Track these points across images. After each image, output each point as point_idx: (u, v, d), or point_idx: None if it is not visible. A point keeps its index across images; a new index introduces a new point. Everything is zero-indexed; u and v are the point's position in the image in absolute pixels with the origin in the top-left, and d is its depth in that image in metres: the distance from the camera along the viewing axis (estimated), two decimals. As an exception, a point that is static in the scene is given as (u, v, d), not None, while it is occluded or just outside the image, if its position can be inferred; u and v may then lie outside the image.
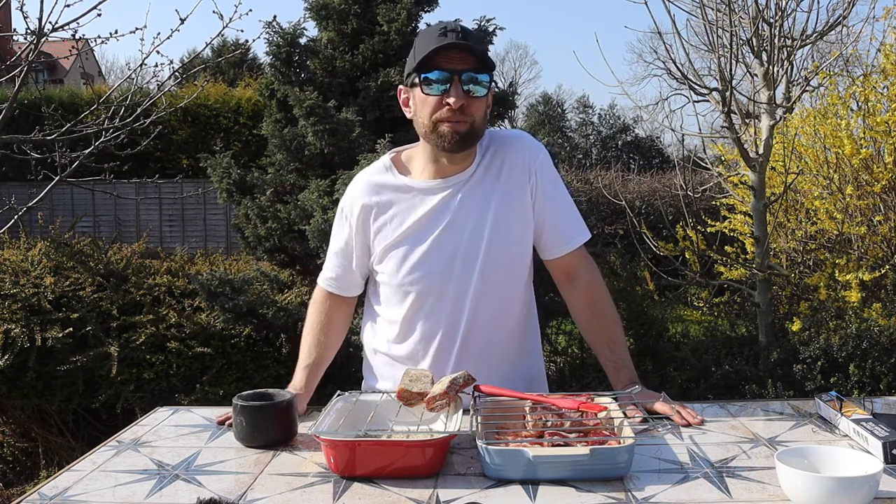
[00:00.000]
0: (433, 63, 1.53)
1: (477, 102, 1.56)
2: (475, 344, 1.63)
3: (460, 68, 1.53)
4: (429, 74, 1.54)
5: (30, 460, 3.60)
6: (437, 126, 1.56)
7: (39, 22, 3.00)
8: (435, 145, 1.60)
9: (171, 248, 5.03)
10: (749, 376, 2.89)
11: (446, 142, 1.56)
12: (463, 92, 1.53)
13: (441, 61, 1.53)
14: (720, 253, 3.50)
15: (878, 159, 3.60)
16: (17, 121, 6.99)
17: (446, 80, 1.53)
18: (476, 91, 1.55)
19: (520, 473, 1.20)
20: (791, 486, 1.10)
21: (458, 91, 1.53)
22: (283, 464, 1.33)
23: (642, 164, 18.93)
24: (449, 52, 1.53)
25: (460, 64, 1.53)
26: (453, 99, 1.52)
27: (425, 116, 1.57)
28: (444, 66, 1.53)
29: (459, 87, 1.53)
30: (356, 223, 1.69)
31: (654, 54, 25.29)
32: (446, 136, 1.55)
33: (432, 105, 1.55)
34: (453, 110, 1.53)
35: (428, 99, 1.56)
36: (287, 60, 4.15)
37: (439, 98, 1.54)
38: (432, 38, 1.54)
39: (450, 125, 1.55)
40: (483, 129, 1.62)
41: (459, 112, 1.53)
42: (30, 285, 3.37)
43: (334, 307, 1.76)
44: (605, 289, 1.73)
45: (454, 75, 1.53)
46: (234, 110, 10.68)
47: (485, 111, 1.60)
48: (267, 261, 4.03)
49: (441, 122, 1.55)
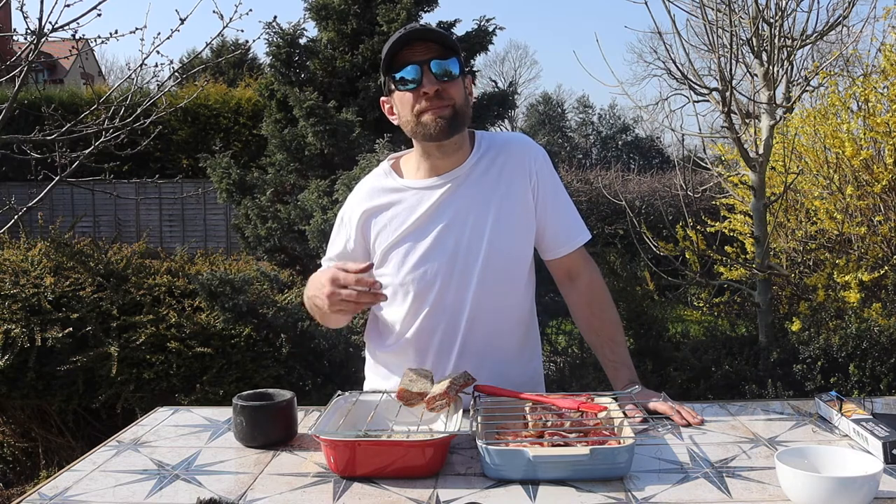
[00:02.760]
0: (400, 60, 1.56)
1: (453, 86, 1.57)
2: (476, 342, 1.63)
3: (426, 57, 1.55)
4: (398, 72, 1.57)
5: (30, 460, 3.60)
6: (419, 118, 1.57)
7: (39, 22, 3.00)
8: (423, 138, 1.60)
9: (171, 248, 5.04)
10: (749, 376, 2.89)
11: (432, 130, 1.57)
12: (436, 79, 1.55)
13: (407, 56, 1.56)
14: (720, 253, 3.50)
15: (879, 160, 3.60)
16: (17, 121, 6.99)
17: (416, 73, 1.55)
18: (448, 73, 1.56)
19: (520, 473, 1.20)
20: (791, 486, 1.10)
21: (430, 79, 1.55)
22: (283, 464, 1.33)
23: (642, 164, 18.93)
24: (412, 47, 1.56)
25: (426, 54, 1.55)
26: (427, 86, 1.54)
27: (407, 113, 1.59)
28: (411, 59, 1.56)
29: (431, 75, 1.55)
30: (356, 229, 1.69)
31: (654, 54, 25.31)
32: (430, 125, 1.57)
33: (410, 100, 1.57)
34: (431, 98, 1.55)
35: (405, 96, 1.57)
36: (287, 61, 4.15)
37: (415, 92, 1.56)
38: (393, 41, 1.57)
39: (431, 113, 1.56)
40: (468, 113, 1.63)
41: (437, 98, 1.55)
42: (30, 285, 3.37)
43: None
44: (606, 289, 1.74)
45: (422, 66, 1.55)
46: (234, 110, 10.68)
47: (465, 95, 1.61)
48: (267, 261, 4.03)
49: (422, 112, 1.57)
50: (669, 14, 3.10)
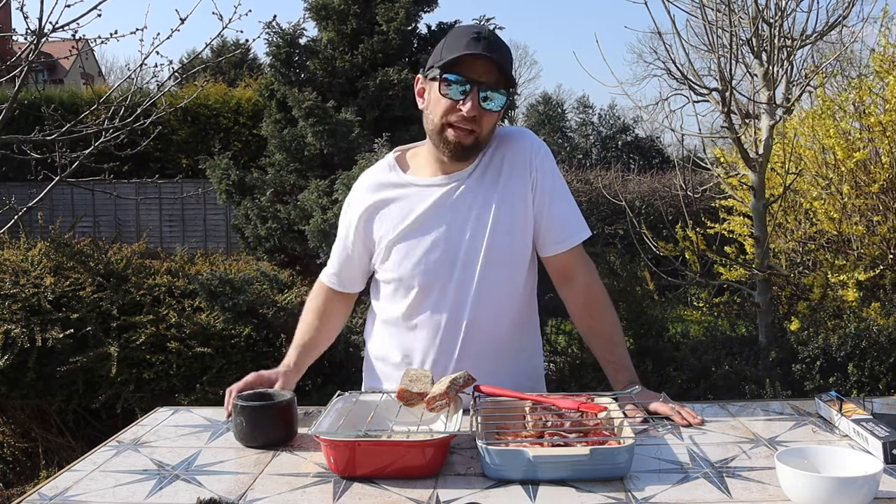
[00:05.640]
0: (457, 66, 1.54)
1: (488, 116, 1.57)
2: (477, 340, 1.63)
3: (482, 80, 1.54)
4: (450, 76, 1.54)
5: (30, 460, 3.60)
6: (444, 130, 1.58)
7: (39, 22, 3.00)
8: (437, 146, 1.61)
9: (171, 248, 5.03)
10: (749, 376, 2.89)
11: (449, 149, 1.59)
12: (479, 104, 1.54)
13: (465, 67, 1.53)
14: (720, 253, 3.51)
15: (876, 160, 3.60)
16: (17, 121, 6.99)
17: (465, 88, 1.54)
18: (491, 106, 1.56)
19: (520, 473, 1.20)
20: (791, 486, 1.10)
21: (474, 102, 1.54)
22: (283, 464, 1.33)
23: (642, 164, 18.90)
24: (475, 60, 1.53)
25: (483, 75, 1.54)
26: (468, 107, 1.53)
27: (436, 116, 1.59)
28: (468, 73, 1.53)
29: (476, 98, 1.54)
30: (358, 222, 1.69)
31: (654, 54, 25.27)
32: (450, 144, 1.58)
33: (445, 107, 1.56)
34: (465, 118, 1.54)
35: (443, 100, 1.57)
36: (287, 61, 4.16)
37: (454, 102, 1.55)
38: (463, 41, 1.54)
39: (455, 133, 1.56)
40: (487, 141, 1.63)
41: (470, 121, 1.55)
42: (30, 285, 3.37)
43: (332, 299, 1.78)
44: (604, 290, 1.72)
45: (474, 86, 1.54)
46: (234, 110, 10.68)
47: (494, 127, 1.62)
48: (267, 261, 4.04)
49: (449, 126, 1.57)
50: (669, 14, 3.10)
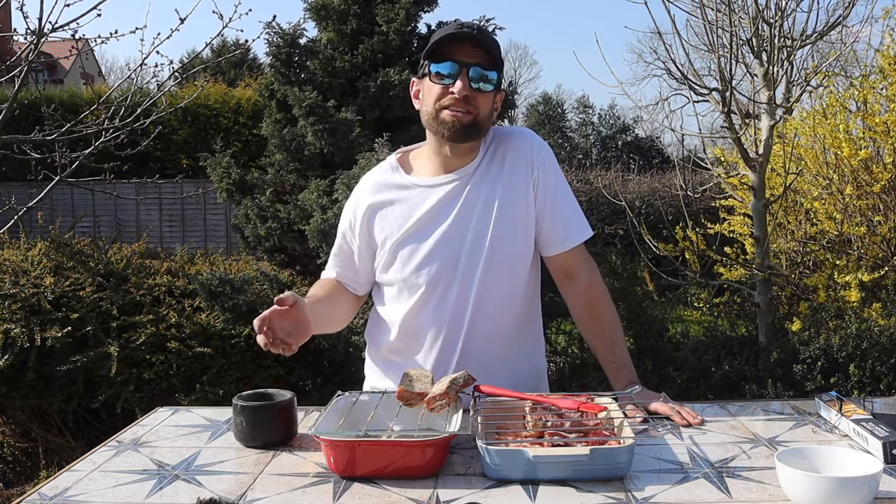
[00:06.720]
0: (444, 54, 1.56)
1: (483, 97, 1.58)
2: (479, 338, 1.63)
3: (470, 62, 1.56)
4: (437, 64, 1.57)
5: (30, 460, 3.60)
6: (439, 113, 1.58)
7: (39, 22, 3.00)
8: (436, 133, 1.61)
9: (171, 248, 5.03)
10: (749, 376, 2.89)
11: (447, 129, 1.58)
12: (470, 84, 1.55)
13: (452, 53, 1.56)
14: (720, 253, 3.51)
15: (878, 159, 3.60)
16: (17, 121, 6.99)
17: (454, 71, 1.56)
18: (483, 86, 1.57)
19: (520, 473, 1.20)
20: (791, 486, 1.10)
21: (464, 82, 1.55)
22: (283, 464, 1.33)
23: (642, 164, 18.89)
24: (461, 45, 1.56)
25: (470, 57, 1.56)
26: (458, 87, 1.55)
27: (430, 103, 1.60)
28: (455, 57, 1.56)
29: (466, 80, 1.55)
30: (360, 224, 1.69)
31: (654, 54, 25.24)
32: (447, 123, 1.57)
33: (437, 93, 1.58)
34: (457, 99, 1.55)
35: (434, 87, 1.58)
36: (287, 61, 4.15)
37: (445, 87, 1.57)
38: (447, 31, 1.57)
39: (451, 112, 1.57)
40: (487, 126, 1.63)
41: (464, 102, 1.55)
42: (30, 285, 3.37)
43: (337, 288, 1.73)
44: (605, 290, 1.72)
45: (463, 67, 1.55)
46: (234, 110, 10.69)
47: (491, 108, 1.62)
48: (267, 261, 4.03)
49: (444, 108, 1.57)
50: (669, 14, 3.10)
